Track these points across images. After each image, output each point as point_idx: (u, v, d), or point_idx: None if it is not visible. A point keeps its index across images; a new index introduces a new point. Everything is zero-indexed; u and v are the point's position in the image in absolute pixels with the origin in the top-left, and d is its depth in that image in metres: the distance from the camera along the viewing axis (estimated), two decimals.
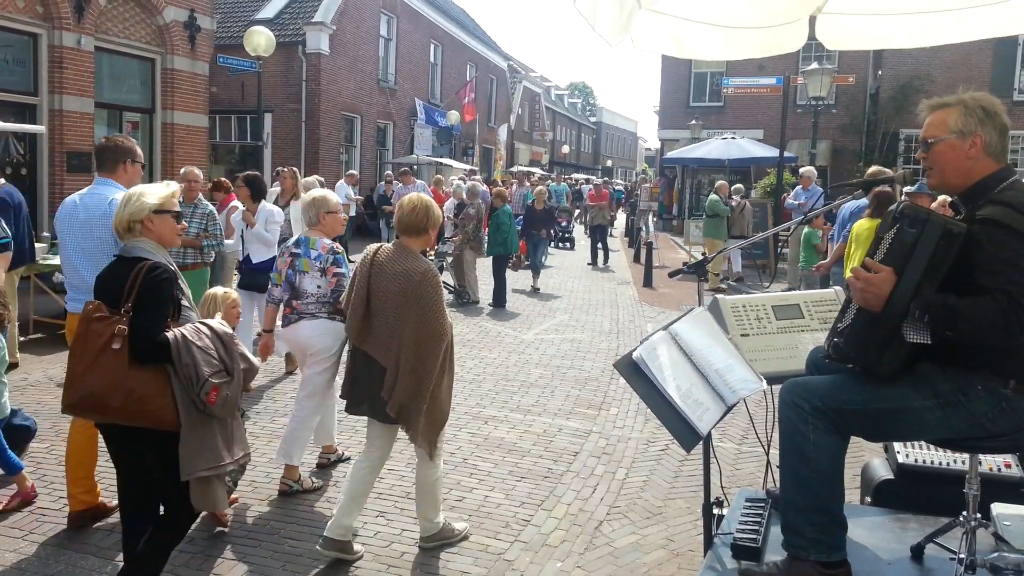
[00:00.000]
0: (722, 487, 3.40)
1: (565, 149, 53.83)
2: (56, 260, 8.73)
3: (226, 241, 8.35)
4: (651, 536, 4.35)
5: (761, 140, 22.47)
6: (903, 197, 7.93)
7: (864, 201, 6.92)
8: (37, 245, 8.02)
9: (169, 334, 2.96)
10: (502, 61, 36.11)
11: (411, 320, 3.74)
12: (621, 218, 29.99)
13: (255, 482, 4.81)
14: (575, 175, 40.79)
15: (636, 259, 17.38)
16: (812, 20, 3.90)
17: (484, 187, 13.54)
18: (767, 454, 3.45)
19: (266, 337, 4.95)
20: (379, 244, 4.01)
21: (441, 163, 24.30)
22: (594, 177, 39.55)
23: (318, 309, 4.65)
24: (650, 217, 19.07)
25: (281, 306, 4.84)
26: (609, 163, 67.51)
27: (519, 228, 13.66)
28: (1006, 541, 2.61)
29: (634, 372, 2.78)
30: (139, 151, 4.55)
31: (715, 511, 3.07)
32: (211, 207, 6.68)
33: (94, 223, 4.18)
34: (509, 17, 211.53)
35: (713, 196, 14.15)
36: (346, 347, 4.31)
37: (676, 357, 2.86)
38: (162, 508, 3.25)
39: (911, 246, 2.28)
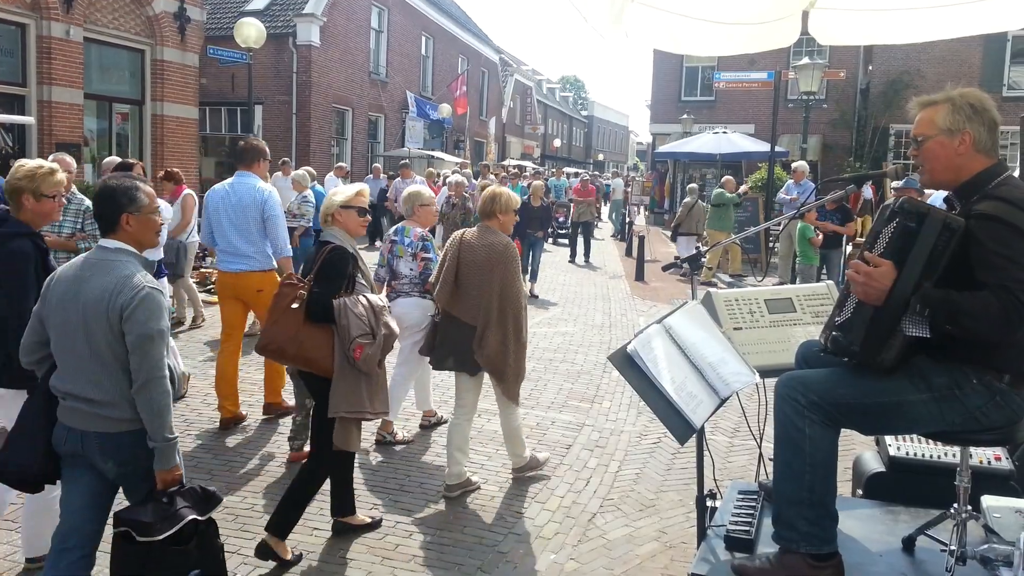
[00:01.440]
0: (715, 480, 3.42)
1: (556, 143, 53.79)
2: None
3: (186, 231, 8.38)
4: (644, 528, 4.37)
5: (752, 135, 22.52)
6: (891, 192, 7.93)
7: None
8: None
9: (336, 301, 3.70)
10: (494, 54, 36.03)
11: (495, 283, 4.52)
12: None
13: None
14: (566, 169, 40.67)
15: (628, 253, 17.40)
16: (805, 15, 3.92)
17: (471, 181, 13.44)
18: (759, 447, 3.47)
19: None
20: (464, 229, 4.85)
21: (433, 156, 24.26)
22: (598, 172, 39.32)
23: (411, 288, 5.42)
24: (638, 209, 19.11)
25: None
26: (601, 157, 67.51)
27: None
28: (996, 533, 2.63)
29: (629, 365, 2.79)
30: (267, 150, 5.92)
31: (708, 503, 3.09)
32: (88, 202, 5.50)
33: (246, 205, 5.58)
34: (501, 10, 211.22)
35: (718, 189, 14.21)
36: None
37: (670, 350, 2.88)
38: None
39: (911, 241, 2.30)
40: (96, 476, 2.87)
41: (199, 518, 2.85)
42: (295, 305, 3.70)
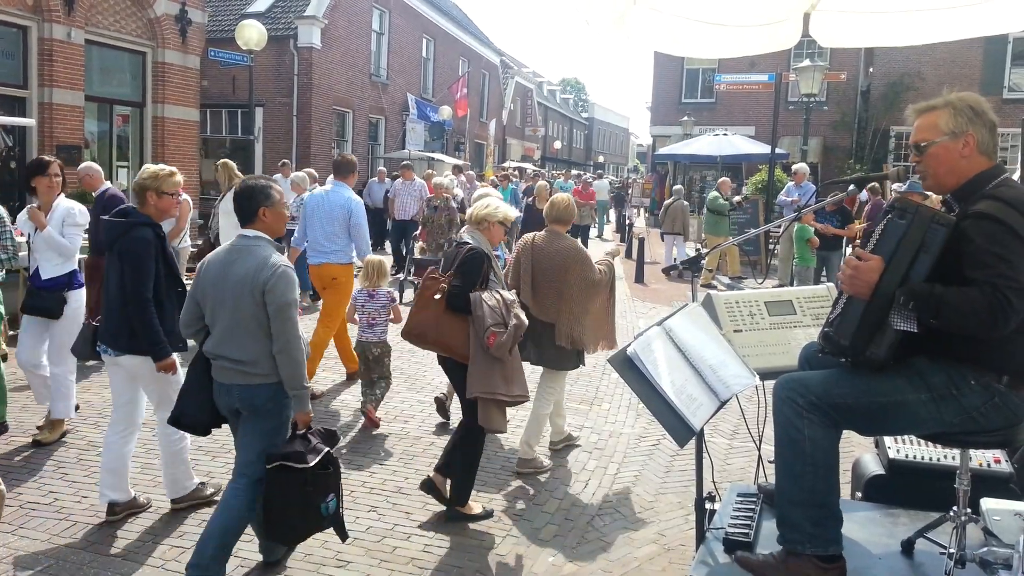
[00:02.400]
0: (713, 482, 3.41)
1: (557, 145, 53.73)
2: None
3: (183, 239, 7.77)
4: (643, 531, 4.36)
5: (753, 137, 22.51)
6: (892, 195, 7.92)
7: None
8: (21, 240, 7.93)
9: (472, 294, 4.20)
10: (494, 56, 36.03)
11: (573, 281, 5.01)
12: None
13: None
14: (574, 171, 40.57)
15: (627, 255, 17.39)
16: (806, 17, 3.91)
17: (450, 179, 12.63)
18: (759, 449, 3.47)
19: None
20: (533, 233, 5.30)
21: (433, 158, 24.25)
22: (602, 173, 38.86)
23: None
24: (637, 211, 19.05)
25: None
26: (601, 159, 67.49)
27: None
28: (995, 536, 2.62)
29: (628, 367, 2.79)
30: (357, 163, 7.11)
31: (707, 506, 3.08)
32: (3, 213, 5.36)
33: (336, 212, 6.63)
34: (501, 12, 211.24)
35: (713, 193, 14.16)
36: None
37: (670, 352, 2.87)
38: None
39: (900, 236, 2.32)
40: (241, 424, 3.57)
41: (331, 450, 3.52)
42: (437, 296, 4.24)
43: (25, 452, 5.10)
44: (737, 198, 14.81)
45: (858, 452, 4.21)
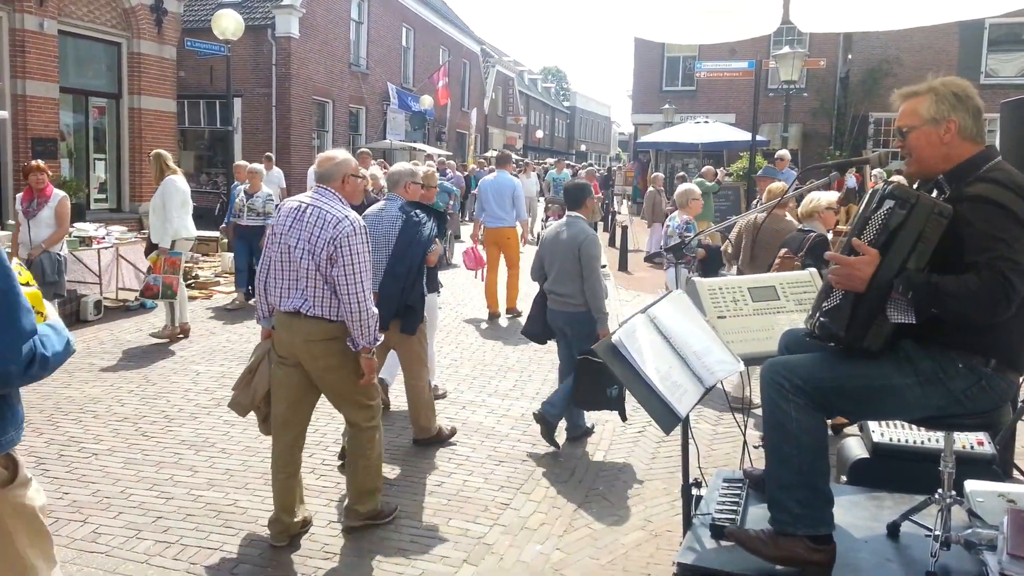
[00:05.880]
0: (699, 468, 3.42)
1: (539, 134, 53.70)
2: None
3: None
4: (630, 517, 4.37)
5: (733, 124, 22.57)
6: (872, 180, 7.96)
7: None
8: (0, 233, 7.82)
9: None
10: (475, 45, 35.86)
11: (775, 259, 5.58)
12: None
13: None
14: (549, 159, 40.42)
15: (611, 243, 17.41)
16: (786, 2, 3.91)
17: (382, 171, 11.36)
18: (743, 434, 3.48)
19: None
20: (754, 214, 6.26)
21: (415, 148, 24.13)
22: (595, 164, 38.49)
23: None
24: (621, 199, 19.02)
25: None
26: (583, 148, 67.50)
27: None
28: (979, 517, 2.64)
29: (614, 355, 2.78)
30: (512, 156, 9.75)
31: (693, 492, 3.08)
32: None
33: (504, 191, 9.34)
34: (481, 0, 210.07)
35: (698, 179, 14.26)
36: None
37: (655, 340, 2.87)
38: None
39: (898, 227, 2.29)
40: (565, 337, 5.37)
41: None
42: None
43: None
44: (720, 172, 14.85)
45: (842, 436, 4.24)
